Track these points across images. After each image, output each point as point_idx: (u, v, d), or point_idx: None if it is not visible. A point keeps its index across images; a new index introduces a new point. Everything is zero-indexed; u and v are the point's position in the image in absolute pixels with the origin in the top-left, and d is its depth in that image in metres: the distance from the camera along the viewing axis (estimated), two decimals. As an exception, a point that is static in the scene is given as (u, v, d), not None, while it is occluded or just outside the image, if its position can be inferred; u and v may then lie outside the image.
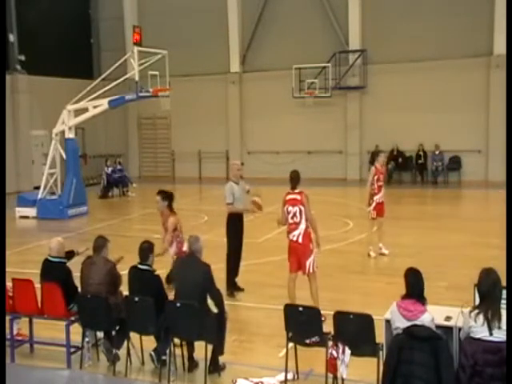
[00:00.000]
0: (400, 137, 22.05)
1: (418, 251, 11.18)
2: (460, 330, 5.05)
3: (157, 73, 17.43)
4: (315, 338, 5.75)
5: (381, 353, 5.38)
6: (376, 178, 11.08)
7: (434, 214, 16.24)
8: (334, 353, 5.47)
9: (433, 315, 5.08)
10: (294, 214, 7.58)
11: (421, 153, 21.99)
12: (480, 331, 4.72)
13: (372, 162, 19.90)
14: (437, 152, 21.77)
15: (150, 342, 6.44)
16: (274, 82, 23.56)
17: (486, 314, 4.73)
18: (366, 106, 23.06)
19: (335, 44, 22.95)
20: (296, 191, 7.72)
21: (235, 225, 9.08)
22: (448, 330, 5.24)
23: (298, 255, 7.70)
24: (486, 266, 5.05)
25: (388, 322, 5.34)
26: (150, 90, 17.09)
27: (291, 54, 22.95)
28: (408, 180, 22.41)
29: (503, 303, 4.84)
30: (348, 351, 5.42)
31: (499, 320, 4.69)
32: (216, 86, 24.81)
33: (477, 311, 4.80)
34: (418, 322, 4.94)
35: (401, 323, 5.02)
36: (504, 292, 5.09)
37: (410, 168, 22.39)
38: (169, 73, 17.69)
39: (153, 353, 6.34)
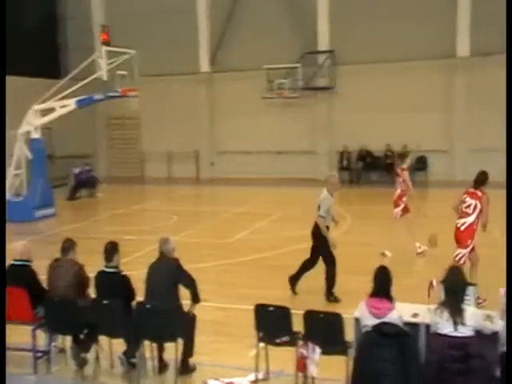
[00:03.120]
0: (368, 137, 22.29)
1: (387, 250, 11.30)
2: (427, 326, 5.15)
3: (125, 72, 17.27)
4: (285, 338, 5.78)
5: (350, 351, 5.44)
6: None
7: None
8: (304, 352, 5.51)
9: (400, 312, 5.16)
10: (469, 206, 8.14)
11: (389, 153, 22.29)
12: (445, 327, 4.83)
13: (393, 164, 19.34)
14: (404, 152, 22.07)
15: (119, 345, 6.38)
16: (244, 82, 23.56)
17: (449, 309, 4.83)
18: (335, 107, 23.24)
19: (304, 44, 23.06)
20: (477, 190, 8.20)
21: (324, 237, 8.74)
22: (415, 326, 5.34)
23: (456, 242, 8.18)
24: (453, 263, 5.15)
25: (357, 320, 5.40)
26: (119, 89, 16.92)
27: (261, 54, 22.97)
28: (376, 180, 22.67)
29: (468, 299, 4.96)
30: (318, 350, 5.47)
31: (462, 316, 4.80)
32: (186, 85, 24.68)
33: (441, 308, 4.90)
34: (386, 320, 5.02)
35: (369, 321, 5.09)
36: (471, 289, 5.21)
37: (378, 168, 22.65)
38: (138, 73, 17.54)
39: (122, 355, 6.28)
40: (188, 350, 6.22)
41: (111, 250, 6.41)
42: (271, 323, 5.85)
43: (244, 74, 23.48)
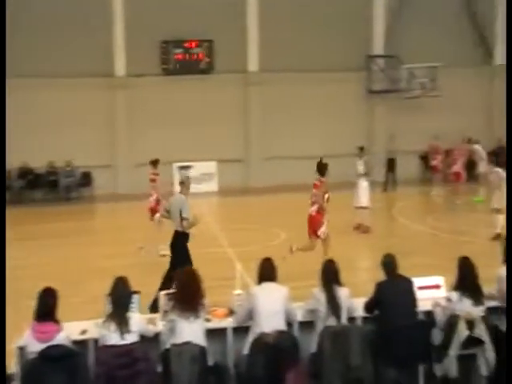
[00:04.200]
0: (30, 153, 21.17)
1: (50, 269, 10.90)
2: (96, 341, 5.14)
3: None
4: None
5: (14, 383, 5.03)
6: None
7: (68, 230, 16.01)
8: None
9: (68, 332, 5.05)
10: (315, 195, 9.98)
11: (52, 169, 21.68)
12: (112, 338, 4.92)
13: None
14: (68, 168, 21.77)
15: None
16: None
17: (116, 320, 4.95)
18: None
19: None
20: (321, 179, 10.04)
21: (185, 244, 8.42)
22: (85, 343, 5.28)
23: (309, 225, 9.96)
24: (117, 275, 5.28)
25: (21, 349, 5.05)
26: None
27: None
28: (40, 198, 21.72)
29: (133, 307, 5.16)
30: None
31: (127, 324, 4.97)
32: None
33: (108, 319, 4.98)
34: (53, 343, 4.84)
35: (36, 347, 4.84)
36: (136, 297, 5.40)
37: (42, 185, 21.80)
38: None
39: None
40: None
41: None
42: None
43: None
